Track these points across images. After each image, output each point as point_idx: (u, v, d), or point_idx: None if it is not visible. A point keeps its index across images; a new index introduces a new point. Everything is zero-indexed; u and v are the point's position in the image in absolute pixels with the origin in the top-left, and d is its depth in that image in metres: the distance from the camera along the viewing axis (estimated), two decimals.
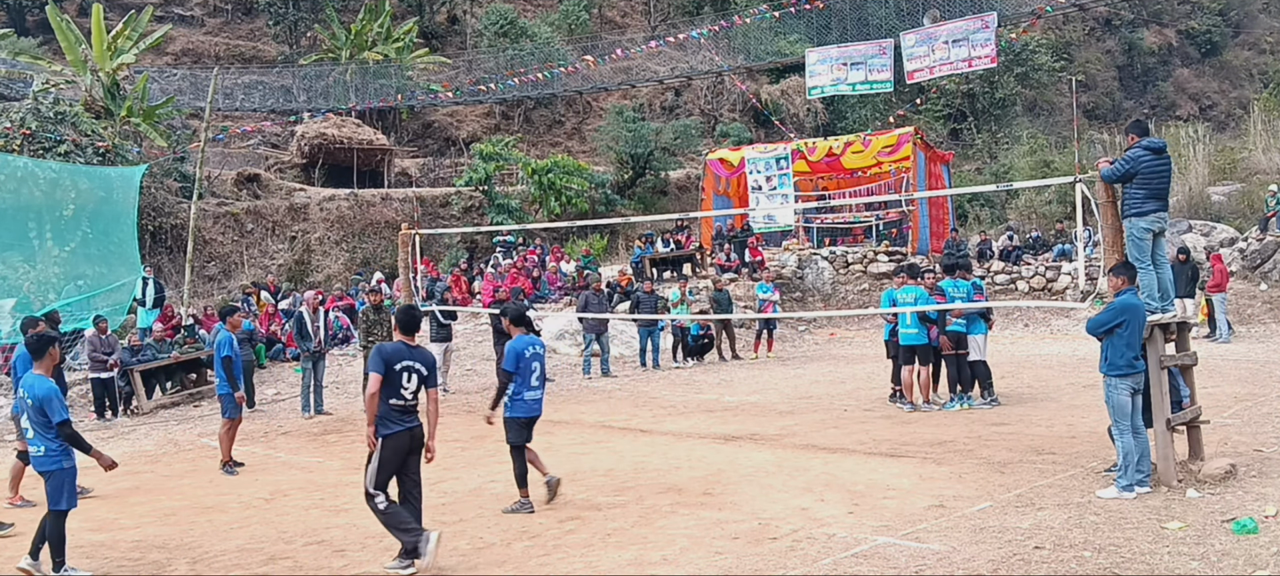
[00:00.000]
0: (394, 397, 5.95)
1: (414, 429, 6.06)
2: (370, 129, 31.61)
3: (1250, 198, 23.69)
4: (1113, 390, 6.96)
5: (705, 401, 12.84)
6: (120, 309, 16.55)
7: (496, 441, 10.57)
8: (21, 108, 20.62)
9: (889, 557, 5.73)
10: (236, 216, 25.94)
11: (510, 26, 36.46)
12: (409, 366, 6.01)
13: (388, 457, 5.94)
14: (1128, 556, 5.51)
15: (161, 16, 32.53)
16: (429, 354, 6.22)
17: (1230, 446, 8.16)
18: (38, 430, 6.17)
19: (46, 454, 6.15)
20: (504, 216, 27.32)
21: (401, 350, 6.08)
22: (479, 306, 19.15)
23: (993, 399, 11.18)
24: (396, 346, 6.13)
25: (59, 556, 6.09)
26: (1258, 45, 51.92)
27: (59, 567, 6.06)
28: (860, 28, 32.54)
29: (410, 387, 6.00)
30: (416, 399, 6.07)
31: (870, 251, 22.42)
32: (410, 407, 6.05)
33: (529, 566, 6.01)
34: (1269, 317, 17.85)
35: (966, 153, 36.15)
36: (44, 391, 6.12)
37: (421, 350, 6.18)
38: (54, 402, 6.11)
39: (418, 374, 6.04)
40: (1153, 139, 7.59)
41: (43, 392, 6.11)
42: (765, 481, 7.88)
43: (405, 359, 6.02)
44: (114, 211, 16.95)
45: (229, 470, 9.60)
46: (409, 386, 6.00)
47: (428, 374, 6.11)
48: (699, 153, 31.38)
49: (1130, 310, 6.93)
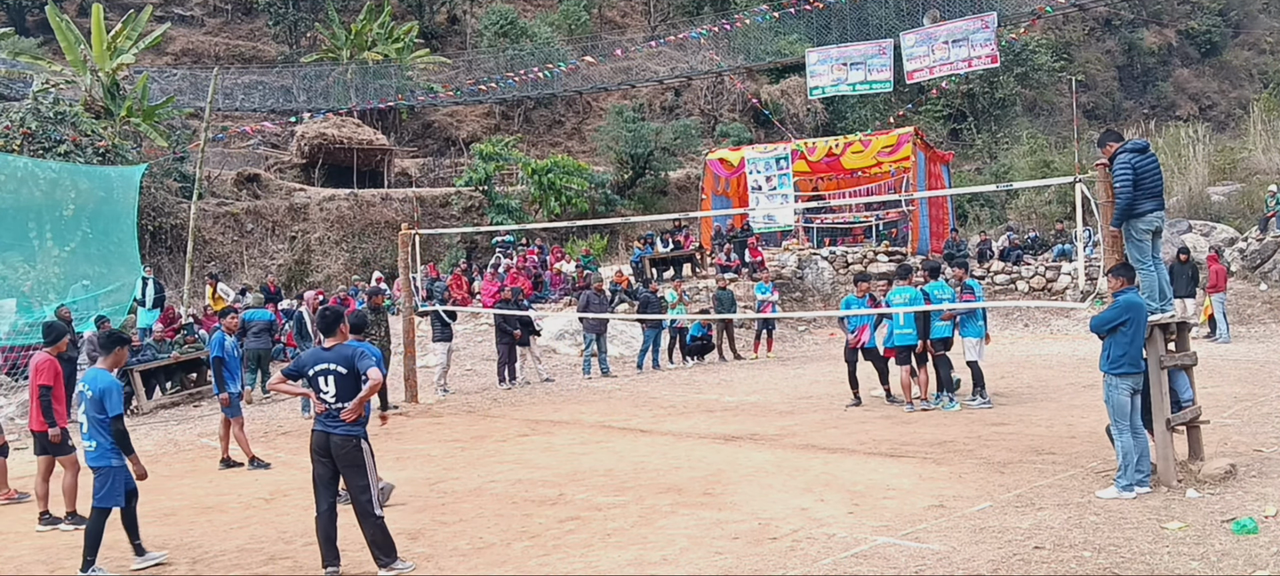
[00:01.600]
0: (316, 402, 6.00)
1: (332, 433, 5.87)
2: (370, 129, 31.62)
3: (1250, 198, 23.68)
4: (1113, 389, 6.96)
5: (705, 401, 12.83)
6: (121, 309, 16.55)
7: (497, 441, 10.60)
8: (21, 108, 20.62)
9: (889, 557, 5.73)
10: (236, 216, 25.95)
11: (510, 26, 36.47)
12: (325, 370, 5.94)
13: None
14: (1128, 556, 5.52)
15: (161, 16, 32.53)
16: (352, 350, 6.04)
17: (1230, 446, 8.16)
18: (93, 425, 6.29)
19: (98, 449, 6.28)
20: (504, 216, 27.32)
21: (316, 355, 6.06)
22: (479, 306, 19.16)
23: (985, 400, 11.08)
24: (312, 352, 6.15)
25: (91, 554, 6.16)
26: (1258, 45, 51.92)
27: (87, 565, 6.13)
28: (860, 28, 32.55)
29: (329, 391, 5.92)
30: (339, 401, 5.90)
31: (870, 251, 22.42)
32: (331, 411, 5.91)
33: (529, 566, 6.01)
34: (1269, 317, 17.85)
35: (966, 153, 36.15)
36: (106, 383, 6.30)
37: (343, 349, 6.03)
38: (114, 395, 6.28)
39: (336, 375, 5.90)
40: (1133, 141, 7.58)
41: (104, 385, 6.30)
42: (765, 481, 7.87)
43: (321, 362, 5.97)
44: (114, 211, 16.96)
45: (257, 465, 9.73)
46: (327, 390, 5.92)
47: (348, 371, 5.91)
48: (699, 152, 31.39)
49: (1134, 308, 6.95)
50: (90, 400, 6.28)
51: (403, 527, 7.03)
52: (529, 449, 9.98)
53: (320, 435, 5.90)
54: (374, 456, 6.02)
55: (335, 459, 5.88)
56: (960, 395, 11.30)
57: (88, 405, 6.28)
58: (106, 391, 6.27)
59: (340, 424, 5.85)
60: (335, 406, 5.87)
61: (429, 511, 7.49)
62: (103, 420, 6.26)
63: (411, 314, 14.35)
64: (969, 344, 11.07)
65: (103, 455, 6.26)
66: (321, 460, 5.93)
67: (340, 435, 5.85)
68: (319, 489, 5.97)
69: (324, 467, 5.94)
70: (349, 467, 5.87)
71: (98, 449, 6.27)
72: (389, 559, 5.92)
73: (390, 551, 5.93)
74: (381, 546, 5.92)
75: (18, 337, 14.62)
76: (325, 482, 5.96)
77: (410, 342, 14.08)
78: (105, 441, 6.26)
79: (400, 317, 14.94)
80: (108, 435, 6.26)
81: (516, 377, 15.44)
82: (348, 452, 5.84)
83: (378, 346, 13.47)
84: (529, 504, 7.52)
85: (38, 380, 7.68)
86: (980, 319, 11.24)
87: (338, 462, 5.89)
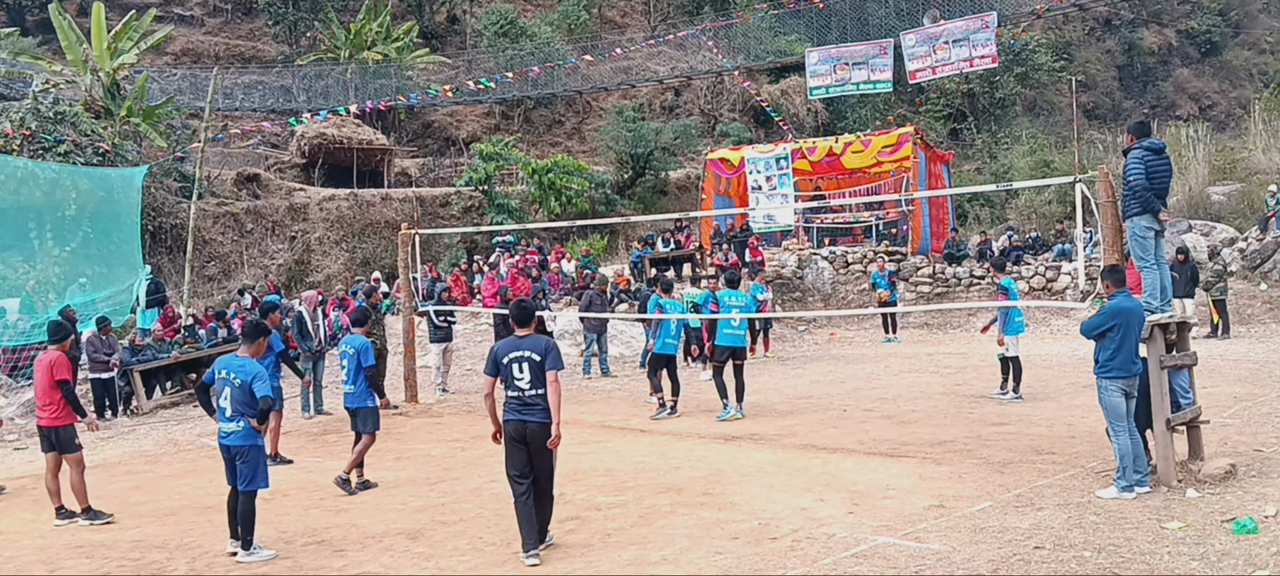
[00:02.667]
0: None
1: (528, 421, 6.08)
2: (370, 129, 31.61)
3: (1250, 198, 23.68)
4: (1105, 392, 6.97)
5: (705, 401, 12.83)
6: (123, 309, 16.57)
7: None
8: (21, 108, 20.62)
9: (889, 557, 5.73)
10: (236, 216, 25.95)
11: (510, 26, 36.46)
12: (520, 358, 6.11)
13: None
14: (1128, 556, 5.52)
15: (162, 16, 32.55)
16: (544, 340, 6.22)
17: (1230, 446, 8.16)
18: (237, 407, 6.43)
19: (243, 431, 6.44)
20: (504, 216, 27.32)
21: (512, 343, 6.21)
22: (479, 306, 19.15)
23: (1017, 396, 11.51)
24: (507, 341, 6.29)
25: (249, 534, 6.37)
26: (1258, 45, 51.90)
27: (249, 546, 6.35)
28: (860, 28, 32.55)
29: (523, 378, 6.08)
30: (533, 389, 6.06)
31: (870, 251, 22.41)
32: (526, 399, 6.09)
33: (529, 566, 6.01)
34: (1269, 317, 17.84)
35: (966, 153, 36.13)
36: (255, 370, 6.48)
37: (536, 338, 6.22)
38: (262, 381, 6.46)
39: (530, 362, 6.08)
40: (1152, 140, 7.62)
41: (254, 371, 6.47)
42: (765, 481, 7.87)
43: (515, 350, 6.13)
44: (115, 212, 16.97)
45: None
46: (522, 377, 6.08)
47: (541, 359, 6.07)
48: (699, 152, 31.39)
49: (1124, 313, 6.93)
50: (237, 386, 6.44)
51: (403, 527, 7.05)
52: None
53: (516, 423, 6.07)
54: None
55: (529, 444, 6.06)
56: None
57: (234, 391, 6.45)
58: (257, 376, 6.45)
59: (535, 411, 6.06)
60: (529, 393, 6.04)
61: (429, 511, 7.49)
62: (251, 405, 6.42)
63: (411, 314, 14.35)
64: (1010, 341, 11.54)
65: (248, 436, 6.45)
66: (517, 446, 6.10)
67: (536, 422, 6.05)
68: (515, 478, 6.11)
69: (520, 453, 6.10)
70: (542, 453, 6.10)
71: (243, 430, 6.45)
72: (546, 540, 6.25)
73: (545, 535, 6.26)
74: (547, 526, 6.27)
75: (18, 338, 14.63)
76: (520, 469, 6.10)
77: (410, 342, 14.08)
78: (250, 426, 6.46)
79: (400, 317, 14.94)
80: (253, 417, 6.44)
81: None
82: (545, 438, 6.05)
83: (377, 345, 13.51)
84: None
85: (56, 375, 7.68)
86: (1019, 317, 11.86)
87: (531, 447, 6.07)
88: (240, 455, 6.46)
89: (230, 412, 6.47)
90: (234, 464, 6.49)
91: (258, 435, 6.48)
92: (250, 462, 6.45)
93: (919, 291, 21.13)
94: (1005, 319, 11.68)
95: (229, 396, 6.47)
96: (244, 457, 6.45)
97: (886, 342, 18.49)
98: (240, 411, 6.43)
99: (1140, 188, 7.35)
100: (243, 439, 6.45)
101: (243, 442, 6.45)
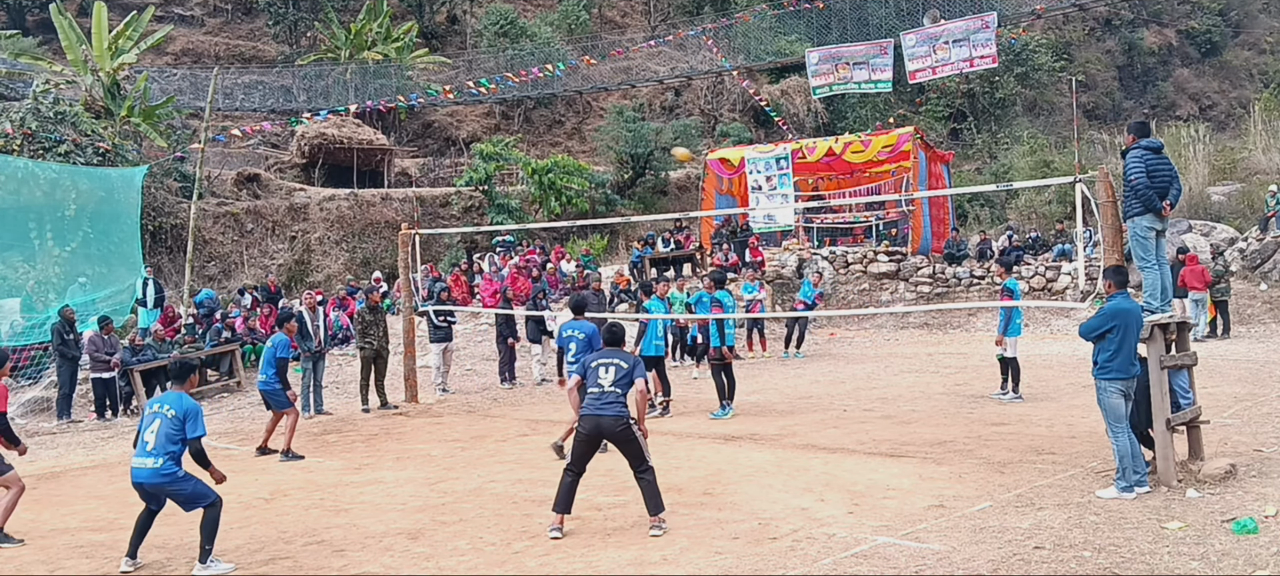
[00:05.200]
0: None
1: (603, 416, 6.53)
2: (370, 129, 31.60)
3: (1250, 198, 23.68)
4: (1104, 393, 6.97)
5: (705, 401, 12.83)
6: (122, 309, 16.57)
7: (497, 441, 10.60)
8: (21, 107, 20.61)
9: (889, 557, 5.73)
10: (236, 216, 25.94)
11: (510, 26, 36.45)
12: (606, 363, 6.69)
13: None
14: (1128, 556, 5.52)
15: (162, 16, 32.52)
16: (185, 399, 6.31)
17: (1230, 446, 8.16)
18: (163, 443, 6.16)
19: (160, 469, 6.18)
20: (504, 216, 27.31)
21: (164, 396, 6.49)
22: (479, 306, 19.15)
23: (1017, 396, 11.57)
24: (165, 394, 6.59)
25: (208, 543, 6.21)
26: (1258, 45, 51.88)
27: (205, 557, 6.21)
28: (860, 28, 32.54)
29: (607, 379, 6.58)
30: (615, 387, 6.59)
31: (870, 251, 22.42)
32: (605, 397, 6.57)
33: (529, 566, 6.01)
34: (1269, 317, 17.84)
35: (966, 153, 36.13)
36: (191, 408, 6.31)
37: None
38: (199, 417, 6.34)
39: (616, 367, 6.66)
40: (1151, 139, 7.63)
41: (190, 408, 6.29)
42: (765, 481, 7.87)
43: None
44: (115, 212, 16.98)
45: (288, 457, 10.02)
46: (606, 378, 6.58)
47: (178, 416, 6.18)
48: (699, 152, 31.38)
49: (1121, 315, 6.92)
50: (170, 420, 6.21)
51: (403, 527, 7.05)
52: (529, 449, 9.98)
53: (592, 418, 6.55)
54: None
55: (603, 434, 6.55)
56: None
57: (165, 425, 6.18)
58: (189, 414, 6.28)
59: (611, 408, 6.54)
60: (608, 392, 6.55)
61: (429, 511, 7.49)
62: (178, 442, 6.24)
63: (411, 314, 14.35)
64: (1008, 342, 11.63)
65: (163, 474, 6.25)
66: (587, 443, 6.62)
67: (611, 416, 6.52)
68: (572, 471, 6.64)
69: (587, 452, 6.66)
70: (624, 444, 6.54)
71: (161, 468, 6.19)
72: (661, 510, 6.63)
73: (659, 507, 6.62)
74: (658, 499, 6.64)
75: (16, 340, 14.64)
76: (580, 467, 6.67)
77: (410, 343, 14.08)
78: (169, 464, 6.21)
79: (400, 317, 14.94)
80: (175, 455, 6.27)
81: (517, 377, 15.46)
82: (620, 432, 6.52)
83: (376, 345, 13.52)
84: (529, 504, 7.52)
85: None
86: (1019, 319, 12.00)
87: (611, 441, 6.58)
88: (165, 493, 6.22)
89: (152, 446, 6.13)
90: (157, 498, 6.25)
91: (176, 468, 6.16)
92: (182, 494, 6.21)
93: (919, 291, 21.13)
94: (1007, 320, 11.69)
95: (157, 430, 6.16)
96: (172, 494, 6.21)
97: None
98: (164, 448, 6.12)
99: (1141, 187, 7.36)
100: (153, 476, 6.13)
101: (155, 480, 6.14)
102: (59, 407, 13.89)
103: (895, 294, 21.33)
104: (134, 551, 6.35)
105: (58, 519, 7.98)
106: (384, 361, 13.64)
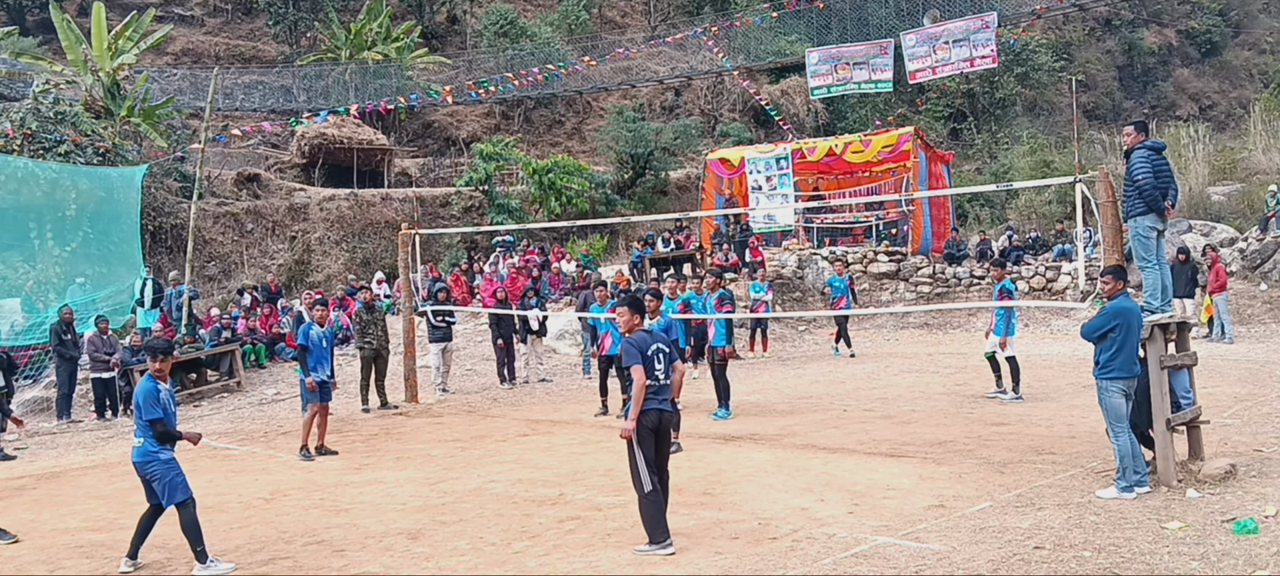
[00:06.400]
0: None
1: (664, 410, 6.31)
2: (370, 129, 31.60)
3: (1250, 198, 23.67)
4: (1105, 393, 6.97)
5: (705, 401, 12.83)
6: (122, 309, 16.57)
7: (497, 441, 10.60)
8: (21, 107, 20.61)
9: (889, 557, 5.73)
10: (236, 216, 25.94)
11: (510, 26, 36.44)
12: (659, 350, 6.37)
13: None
14: (1128, 556, 5.52)
15: (162, 16, 32.49)
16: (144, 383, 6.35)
17: (1230, 446, 8.16)
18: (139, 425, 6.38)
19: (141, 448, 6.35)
20: (504, 216, 27.31)
21: (650, 336, 6.42)
22: (478, 306, 19.14)
23: (1017, 396, 11.56)
24: (643, 335, 6.45)
25: (198, 545, 6.29)
26: (1258, 45, 51.89)
27: (202, 558, 6.28)
28: (860, 28, 32.54)
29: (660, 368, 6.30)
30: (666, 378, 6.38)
31: (870, 251, 22.42)
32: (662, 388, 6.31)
33: (529, 566, 6.01)
34: (1269, 317, 17.83)
35: (966, 153, 36.14)
36: (142, 391, 6.41)
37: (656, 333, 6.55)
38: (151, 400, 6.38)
39: (666, 354, 6.42)
40: (1154, 139, 7.66)
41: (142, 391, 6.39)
42: (765, 481, 7.87)
43: (655, 343, 6.35)
44: (115, 211, 16.97)
45: (305, 455, 10.02)
46: (660, 367, 6.29)
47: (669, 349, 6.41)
48: (699, 153, 31.38)
49: (1123, 314, 6.92)
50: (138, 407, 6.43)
51: (403, 527, 7.05)
52: (529, 449, 9.98)
53: (655, 414, 6.24)
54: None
55: (665, 430, 6.33)
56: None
57: (137, 410, 6.43)
58: (143, 396, 6.38)
59: (668, 399, 6.38)
60: (664, 382, 6.33)
61: (429, 511, 7.49)
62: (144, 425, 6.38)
63: (411, 314, 14.35)
64: (996, 340, 11.69)
65: (144, 454, 6.38)
66: (654, 436, 6.25)
67: (671, 409, 6.44)
68: (656, 468, 6.22)
69: (661, 441, 6.30)
70: (668, 438, 6.47)
71: (142, 448, 6.37)
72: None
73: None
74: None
75: (16, 339, 14.64)
76: (660, 454, 6.30)
77: (410, 342, 14.09)
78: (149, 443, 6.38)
79: (400, 317, 14.94)
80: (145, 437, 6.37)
81: (516, 377, 15.46)
82: (675, 420, 6.56)
83: (375, 345, 13.52)
84: (529, 504, 7.53)
85: None
86: (1014, 318, 12.09)
87: (663, 434, 6.32)
88: (145, 474, 6.36)
89: (136, 427, 6.43)
90: (148, 483, 6.39)
91: (159, 449, 6.34)
92: (159, 479, 6.31)
93: (919, 291, 21.13)
94: (1006, 321, 11.66)
95: (134, 413, 6.46)
96: (150, 475, 6.34)
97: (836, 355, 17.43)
98: (142, 429, 6.35)
99: (1147, 187, 7.36)
100: (136, 455, 6.35)
101: (136, 457, 6.36)
102: (59, 407, 13.90)
103: (895, 294, 21.33)
104: (135, 552, 6.36)
105: (58, 519, 7.99)
106: (384, 361, 13.64)
